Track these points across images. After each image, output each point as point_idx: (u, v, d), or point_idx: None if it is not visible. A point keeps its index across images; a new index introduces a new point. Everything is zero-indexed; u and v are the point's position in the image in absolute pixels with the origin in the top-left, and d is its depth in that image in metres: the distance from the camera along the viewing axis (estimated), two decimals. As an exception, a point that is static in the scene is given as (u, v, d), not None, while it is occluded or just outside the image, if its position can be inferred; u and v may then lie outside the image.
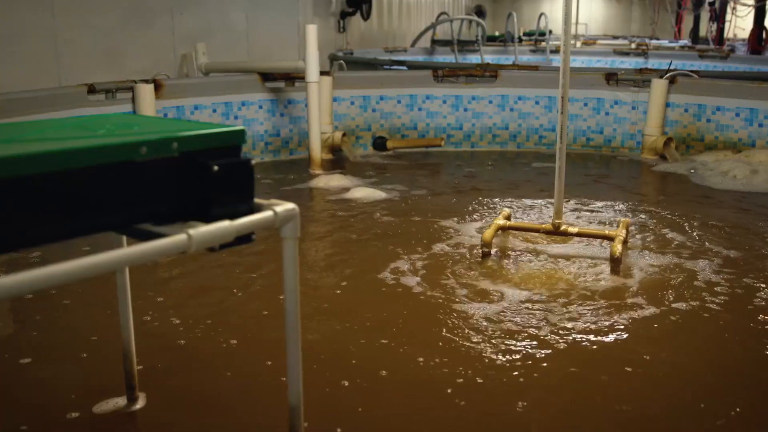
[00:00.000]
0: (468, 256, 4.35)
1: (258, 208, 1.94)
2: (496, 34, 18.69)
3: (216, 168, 1.82)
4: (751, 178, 6.50)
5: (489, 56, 13.33)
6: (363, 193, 5.92)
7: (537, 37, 15.76)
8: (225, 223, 1.79)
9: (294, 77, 7.22)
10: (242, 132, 1.95)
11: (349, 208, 5.51)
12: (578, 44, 17.99)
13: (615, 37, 25.07)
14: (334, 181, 6.32)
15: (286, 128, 7.30)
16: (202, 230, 1.73)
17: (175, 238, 1.69)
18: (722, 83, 7.65)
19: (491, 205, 5.53)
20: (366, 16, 14.47)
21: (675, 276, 4.07)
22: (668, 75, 7.59)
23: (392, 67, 9.83)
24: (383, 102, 7.65)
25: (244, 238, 1.89)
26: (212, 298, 3.74)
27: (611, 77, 7.75)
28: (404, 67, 9.58)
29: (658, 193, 6.48)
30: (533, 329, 3.37)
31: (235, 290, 3.84)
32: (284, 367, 2.17)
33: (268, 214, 1.91)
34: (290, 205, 1.97)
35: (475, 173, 6.85)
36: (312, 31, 6.50)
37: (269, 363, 3.01)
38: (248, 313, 3.56)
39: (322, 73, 7.12)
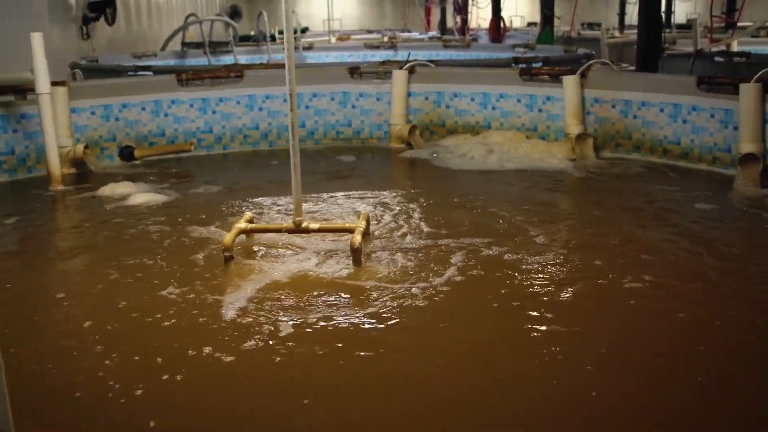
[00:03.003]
0: (211, 261, 4.29)
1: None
2: (252, 33, 18.60)
3: None
4: (487, 158, 6.94)
5: (243, 56, 13.24)
6: (140, 199, 5.76)
7: (290, 35, 15.81)
8: None
9: (26, 89, 6.77)
10: None
11: (117, 215, 5.34)
12: (333, 40, 18.34)
13: (369, 32, 25.80)
14: (120, 188, 6.04)
15: (21, 145, 6.82)
16: None
17: None
18: (457, 71, 8.12)
19: (243, 208, 5.49)
20: (111, 21, 13.91)
21: (415, 260, 4.25)
22: (407, 66, 7.93)
23: (138, 73, 9.49)
24: (127, 110, 7.36)
25: None
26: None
27: (354, 71, 7.97)
28: (150, 73, 9.29)
29: (403, 179, 6.76)
30: (276, 324, 3.39)
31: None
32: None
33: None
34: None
35: (229, 176, 6.78)
36: (37, 39, 6.12)
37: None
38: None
39: (57, 83, 6.74)
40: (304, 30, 22.41)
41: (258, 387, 2.93)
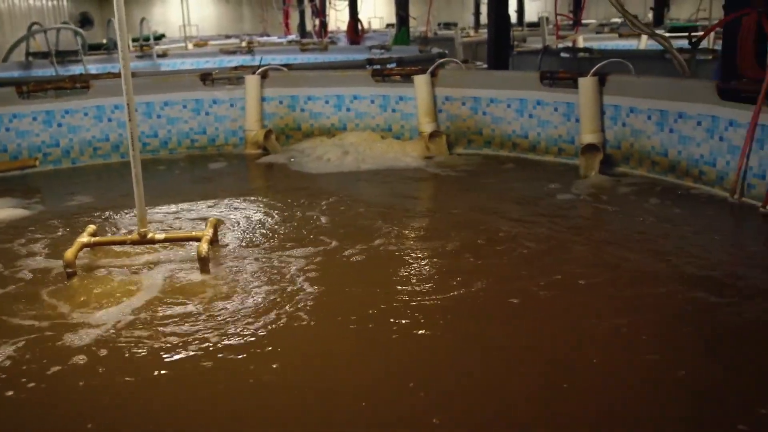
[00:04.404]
0: (54, 278, 4.12)
1: None
2: (104, 41, 17.98)
3: None
4: (343, 159, 6.98)
5: (94, 66, 12.76)
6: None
7: (142, 43, 15.39)
8: None
9: None
10: None
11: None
12: (190, 46, 17.97)
13: (228, 37, 25.44)
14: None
15: None
16: None
17: None
18: (310, 74, 8.12)
19: (93, 222, 5.28)
20: (-53, 33, 13.13)
21: (266, 266, 4.22)
22: (260, 71, 7.87)
23: (-24, 87, 8.98)
24: (-37, 126, 6.98)
25: None
26: None
27: (206, 77, 7.84)
28: (-10, 86, 8.81)
29: (259, 185, 6.71)
30: (110, 336, 3.29)
31: None
32: None
33: None
34: None
35: (79, 190, 6.49)
36: None
37: None
38: None
39: None
40: (160, 37, 21.87)
41: (72, 402, 2.85)
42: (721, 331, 3.33)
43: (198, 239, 4.18)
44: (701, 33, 7.45)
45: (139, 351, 3.22)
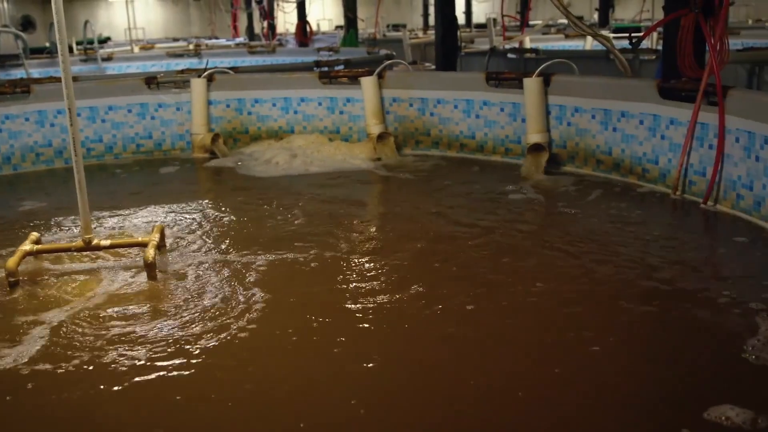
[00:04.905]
0: (-3, 288, 4.04)
1: None
2: (46, 45, 17.67)
3: None
4: (291, 162, 6.96)
5: (36, 70, 12.56)
6: None
7: (86, 46, 15.15)
8: None
9: None
10: None
11: None
12: (136, 49, 17.76)
13: (176, 40, 25.18)
14: None
15: None
16: None
17: None
18: (257, 77, 8.08)
19: (39, 230, 5.18)
20: None
21: (215, 273, 4.19)
22: (206, 74, 7.81)
23: None
24: None
25: None
26: None
27: (151, 81, 7.74)
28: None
29: (207, 189, 6.64)
30: (66, 351, 3.23)
31: None
32: None
33: None
34: None
35: (22, 197, 6.35)
36: None
37: None
38: None
39: None
40: (105, 40, 21.56)
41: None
42: (673, 336, 3.36)
43: (144, 245, 4.13)
44: (642, 33, 7.59)
45: (83, 358, 3.17)
